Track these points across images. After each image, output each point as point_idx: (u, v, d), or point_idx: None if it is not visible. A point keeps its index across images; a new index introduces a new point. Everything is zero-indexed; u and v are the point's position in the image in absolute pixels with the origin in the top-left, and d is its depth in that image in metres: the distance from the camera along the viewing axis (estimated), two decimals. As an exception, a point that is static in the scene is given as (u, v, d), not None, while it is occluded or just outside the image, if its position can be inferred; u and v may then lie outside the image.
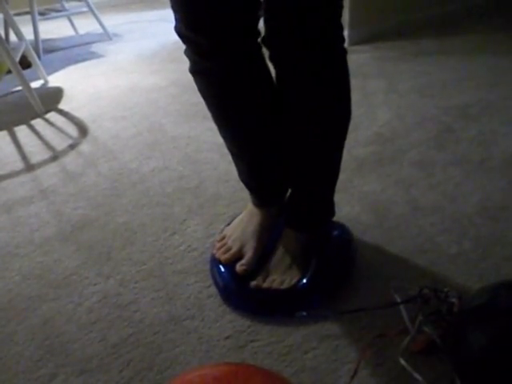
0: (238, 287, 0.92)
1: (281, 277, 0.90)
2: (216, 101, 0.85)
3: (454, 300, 0.81)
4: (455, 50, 2.23)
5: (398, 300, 0.86)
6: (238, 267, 0.93)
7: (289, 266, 0.91)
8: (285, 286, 0.89)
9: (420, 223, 1.09)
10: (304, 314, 0.87)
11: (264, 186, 0.97)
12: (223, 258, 0.96)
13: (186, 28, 0.73)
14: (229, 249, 0.96)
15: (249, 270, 0.92)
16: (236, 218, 1.05)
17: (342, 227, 1.02)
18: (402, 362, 0.77)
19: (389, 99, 1.76)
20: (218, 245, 0.99)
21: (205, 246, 1.09)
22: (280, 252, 0.93)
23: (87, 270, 1.07)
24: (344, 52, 0.78)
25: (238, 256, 0.95)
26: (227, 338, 0.86)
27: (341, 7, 0.73)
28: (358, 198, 1.21)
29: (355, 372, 0.76)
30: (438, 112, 1.62)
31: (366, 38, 2.39)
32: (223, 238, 1.00)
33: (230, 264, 0.94)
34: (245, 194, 1.02)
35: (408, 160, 1.35)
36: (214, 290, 0.97)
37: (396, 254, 1.01)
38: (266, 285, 0.90)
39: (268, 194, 0.98)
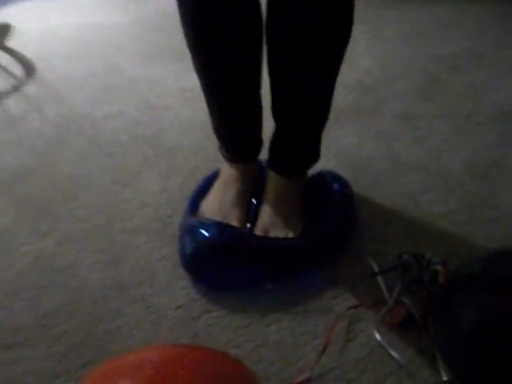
0: (231, 243, 0.78)
1: (282, 231, 0.81)
2: (202, 33, 0.75)
3: (437, 267, 0.71)
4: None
5: (375, 266, 0.77)
6: None
7: (286, 218, 0.82)
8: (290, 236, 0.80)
9: (401, 181, 1.00)
10: (270, 286, 0.77)
11: (241, 137, 0.88)
12: None
13: None
14: None
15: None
16: (210, 189, 0.91)
17: (341, 181, 0.91)
18: (377, 336, 0.69)
19: (372, 46, 1.62)
20: None
21: (159, 202, 0.97)
22: (272, 205, 0.83)
23: (21, 226, 0.93)
24: None
25: None
26: (178, 307, 0.75)
27: None
28: (335, 151, 1.10)
29: (324, 348, 0.67)
30: (424, 61, 1.50)
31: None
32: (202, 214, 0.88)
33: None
34: (208, 143, 0.89)
35: (390, 111, 1.24)
36: (166, 251, 0.85)
37: (374, 214, 0.91)
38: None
39: (244, 147, 0.89)
